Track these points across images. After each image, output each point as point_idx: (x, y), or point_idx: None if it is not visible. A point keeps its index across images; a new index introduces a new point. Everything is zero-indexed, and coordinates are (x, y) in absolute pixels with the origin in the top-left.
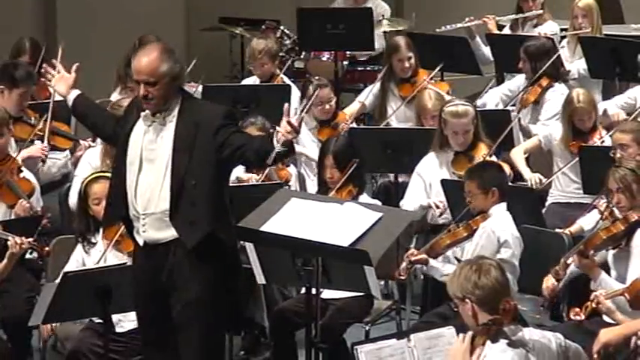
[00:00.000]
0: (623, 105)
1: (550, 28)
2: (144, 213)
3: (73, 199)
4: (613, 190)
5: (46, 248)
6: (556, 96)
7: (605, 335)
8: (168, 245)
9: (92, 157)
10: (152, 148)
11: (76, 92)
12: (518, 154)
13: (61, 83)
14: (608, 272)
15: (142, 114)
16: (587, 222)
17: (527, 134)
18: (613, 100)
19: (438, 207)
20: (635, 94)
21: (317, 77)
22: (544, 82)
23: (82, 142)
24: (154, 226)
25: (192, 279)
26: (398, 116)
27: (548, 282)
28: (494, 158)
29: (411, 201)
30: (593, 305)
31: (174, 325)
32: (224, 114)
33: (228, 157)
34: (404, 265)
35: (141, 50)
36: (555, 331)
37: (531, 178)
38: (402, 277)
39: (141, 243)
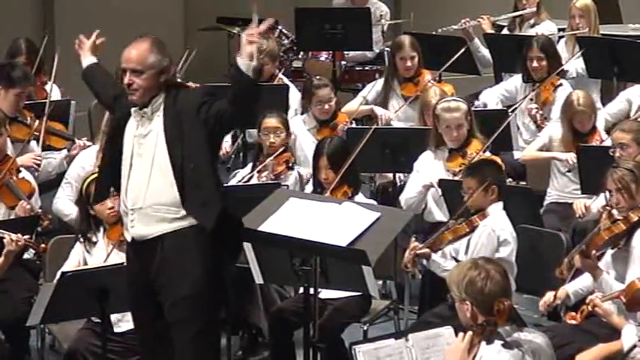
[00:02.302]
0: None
1: (548, 28)
2: (132, 208)
3: (57, 204)
4: (612, 190)
5: (42, 245)
6: (565, 95)
7: None
8: (155, 241)
9: (85, 160)
10: (141, 143)
11: (90, 60)
12: (533, 151)
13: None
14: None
15: (132, 110)
16: (595, 205)
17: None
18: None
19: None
20: (628, 96)
21: (318, 77)
22: (555, 80)
23: (77, 141)
24: (142, 221)
25: (180, 276)
26: (399, 115)
27: (546, 298)
28: (487, 154)
29: (411, 188)
30: (589, 309)
31: (168, 323)
32: (202, 94)
33: (216, 126)
34: (409, 257)
35: (134, 41)
36: (554, 331)
37: (567, 158)
38: (409, 270)
39: (129, 239)
